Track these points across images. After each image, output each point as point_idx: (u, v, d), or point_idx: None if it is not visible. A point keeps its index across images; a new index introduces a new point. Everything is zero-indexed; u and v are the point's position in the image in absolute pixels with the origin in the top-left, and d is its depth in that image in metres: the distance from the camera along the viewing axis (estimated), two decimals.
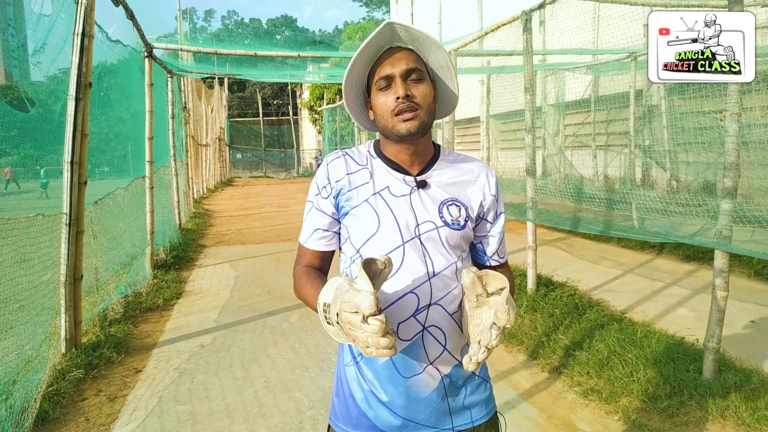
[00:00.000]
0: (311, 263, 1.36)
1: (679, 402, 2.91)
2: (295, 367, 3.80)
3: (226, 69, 10.03)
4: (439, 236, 1.25)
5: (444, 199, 1.28)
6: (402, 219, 1.25)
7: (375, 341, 0.95)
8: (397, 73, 1.23)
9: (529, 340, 4.00)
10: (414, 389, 1.25)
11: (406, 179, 1.29)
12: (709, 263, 6.17)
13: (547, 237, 8.36)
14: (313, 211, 1.35)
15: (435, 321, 1.24)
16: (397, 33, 1.23)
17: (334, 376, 1.41)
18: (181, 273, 6.65)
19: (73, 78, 3.62)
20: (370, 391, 1.28)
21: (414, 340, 1.23)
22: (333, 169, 1.32)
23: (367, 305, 0.93)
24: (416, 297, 1.23)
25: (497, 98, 11.80)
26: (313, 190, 1.35)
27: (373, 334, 0.94)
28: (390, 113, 1.24)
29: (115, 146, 6.61)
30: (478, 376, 1.34)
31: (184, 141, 11.16)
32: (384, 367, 1.26)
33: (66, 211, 3.65)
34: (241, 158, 38.18)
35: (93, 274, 4.43)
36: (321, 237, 1.34)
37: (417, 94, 1.23)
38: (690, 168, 8.46)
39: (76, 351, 3.78)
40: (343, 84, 1.31)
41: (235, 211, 14.06)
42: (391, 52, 1.26)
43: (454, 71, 1.33)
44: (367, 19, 53.55)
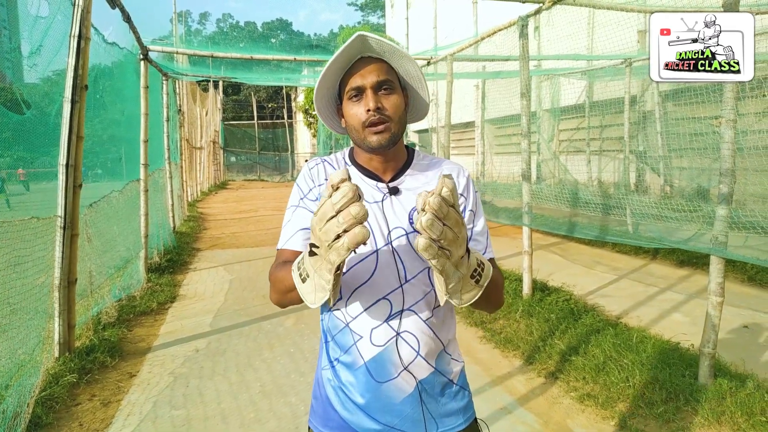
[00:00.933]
0: (288, 260, 1.26)
1: (675, 407, 2.92)
2: (290, 371, 3.78)
3: (221, 72, 10.01)
4: (409, 242, 1.25)
5: (414, 205, 1.28)
6: (375, 226, 1.25)
7: (345, 215, 0.89)
8: (368, 85, 1.24)
9: (525, 344, 4.00)
10: (388, 394, 1.25)
11: (379, 186, 1.30)
12: (703, 268, 6.21)
13: (542, 242, 8.38)
14: (299, 212, 1.30)
15: (408, 327, 1.25)
16: (368, 43, 1.24)
17: (314, 378, 1.41)
18: (176, 276, 6.62)
19: (69, 80, 3.60)
20: (345, 395, 1.29)
21: (387, 345, 1.24)
22: (315, 175, 1.34)
23: (337, 174, 0.90)
24: (389, 303, 1.24)
25: (492, 103, 11.85)
26: (295, 194, 1.34)
27: (346, 197, 0.88)
28: (361, 125, 1.24)
29: (108, 149, 6.58)
30: (456, 384, 1.34)
31: (178, 144, 11.13)
32: (359, 372, 1.26)
33: (61, 214, 3.62)
34: (236, 161, 38.11)
35: (87, 278, 4.40)
36: (306, 237, 1.28)
37: (388, 106, 1.24)
38: (684, 173, 8.52)
39: (70, 355, 3.75)
40: (315, 92, 1.31)
41: (230, 214, 14.03)
42: (362, 62, 1.26)
43: (424, 81, 1.34)
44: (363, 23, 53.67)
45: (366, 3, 56.15)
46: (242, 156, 38.22)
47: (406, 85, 1.35)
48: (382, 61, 1.28)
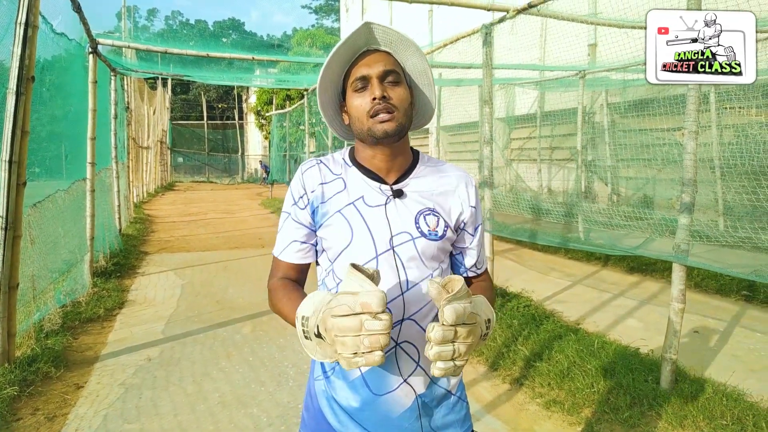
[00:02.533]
0: (286, 275, 1.29)
1: (640, 412, 2.97)
2: (250, 381, 3.64)
3: (171, 69, 9.66)
4: (415, 248, 1.20)
5: (420, 209, 1.23)
6: (376, 230, 1.20)
7: (374, 341, 0.88)
8: (374, 74, 1.19)
9: (488, 351, 4.00)
10: (386, 407, 1.19)
11: (382, 188, 1.24)
12: (653, 275, 6.43)
13: (496, 248, 8.47)
14: (289, 221, 1.28)
15: (408, 336, 1.19)
16: (374, 35, 1.20)
17: (306, 388, 1.36)
18: (123, 281, 6.31)
19: (14, 71, 3.35)
20: (339, 407, 1.22)
21: (387, 356, 1.17)
22: (308, 179, 1.27)
23: (377, 302, 0.88)
24: (388, 311, 1.18)
25: (448, 110, 11.96)
26: (288, 200, 1.29)
27: (382, 330, 0.88)
28: (366, 114, 1.19)
29: (47, 146, 6.20)
30: (454, 395, 1.29)
31: (125, 143, 10.67)
32: (355, 384, 1.20)
33: (2, 214, 3.36)
34: (183, 162, 37.01)
35: (29, 283, 4.11)
36: (298, 249, 1.28)
37: (394, 96, 1.19)
38: (630, 183, 8.83)
39: (9, 366, 3.47)
40: (318, 85, 1.25)
41: (178, 216, 13.57)
42: (367, 54, 1.22)
43: (431, 76, 1.30)
44: (317, 26, 53.34)
45: (320, 6, 55.90)
46: (191, 157, 37.17)
47: (411, 84, 1.29)
48: (388, 53, 1.23)
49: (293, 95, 23.49)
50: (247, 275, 6.83)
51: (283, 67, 11.94)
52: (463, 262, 1.34)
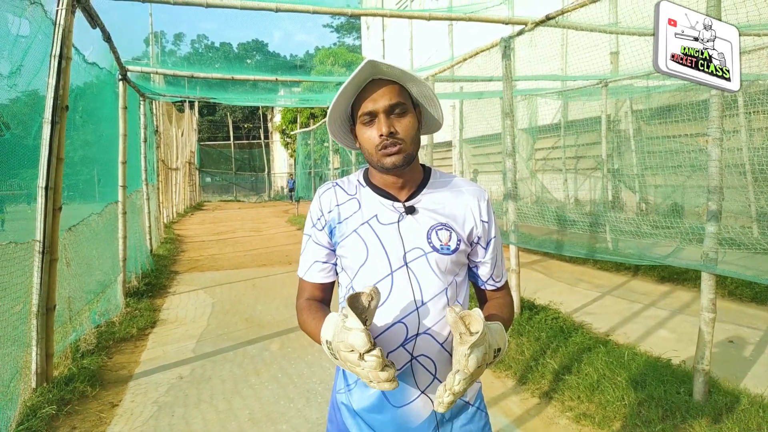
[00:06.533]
0: (312, 296, 1.36)
1: (673, 425, 2.91)
2: (279, 398, 3.68)
3: (197, 92, 9.91)
4: (428, 262, 1.24)
5: (432, 224, 1.27)
6: (390, 247, 1.24)
7: (375, 376, 0.96)
8: (380, 110, 1.23)
9: (516, 364, 3.97)
10: (404, 419, 1.23)
11: (395, 205, 1.29)
12: (684, 284, 6.30)
13: (523, 260, 8.41)
14: (310, 243, 1.36)
15: (424, 350, 1.22)
16: (378, 67, 1.23)
17: (330, 400, 1.41)
18: (155, 301, 6.44)
19: (50, 101, 3.50)
20: (361, 419, 1.27)
21: (404, 369, 1.22)
22: (324, 201, 1.33)
23: (360, 343, 0.96)
24: (405, 326, 1.22)
25: (470, 123, 11.97)
26: (308, 223, 1.37)
27: (372, 369, 0.96)
28: (374, 148, 1.24)
29: (80, 170, 6.41)
30: (473, 405, 1.31)
31: (155, 165, 10.95)
32: (374, 396, 1.24)
33: (39, 239, 3.49)
34: (211, 182, 37.73)
35: (65, 304, 4.24)
36: (320, 269, 1.35)
37: (400, 130, 1.24)
38: (658, 191, 8.69)
39: (48, 385, 3.58)
40: (327, 119, 1.31)
41: (207, 235, 13.81)
42: (374, 85, 1.25)
43: (437, 100, 1.33)
44: (338, 44, 54.05)
45: (341, 24, 56.60)
46: (218, 176, 37.89)
47: (418, 102, 1.33)
48: (393, 82, 1.26)
49: (317, 113, 23.82)
50: (275, 292, 6.91)
51: (306, 86, 12.14)
52: (479, 274, 1.38)
